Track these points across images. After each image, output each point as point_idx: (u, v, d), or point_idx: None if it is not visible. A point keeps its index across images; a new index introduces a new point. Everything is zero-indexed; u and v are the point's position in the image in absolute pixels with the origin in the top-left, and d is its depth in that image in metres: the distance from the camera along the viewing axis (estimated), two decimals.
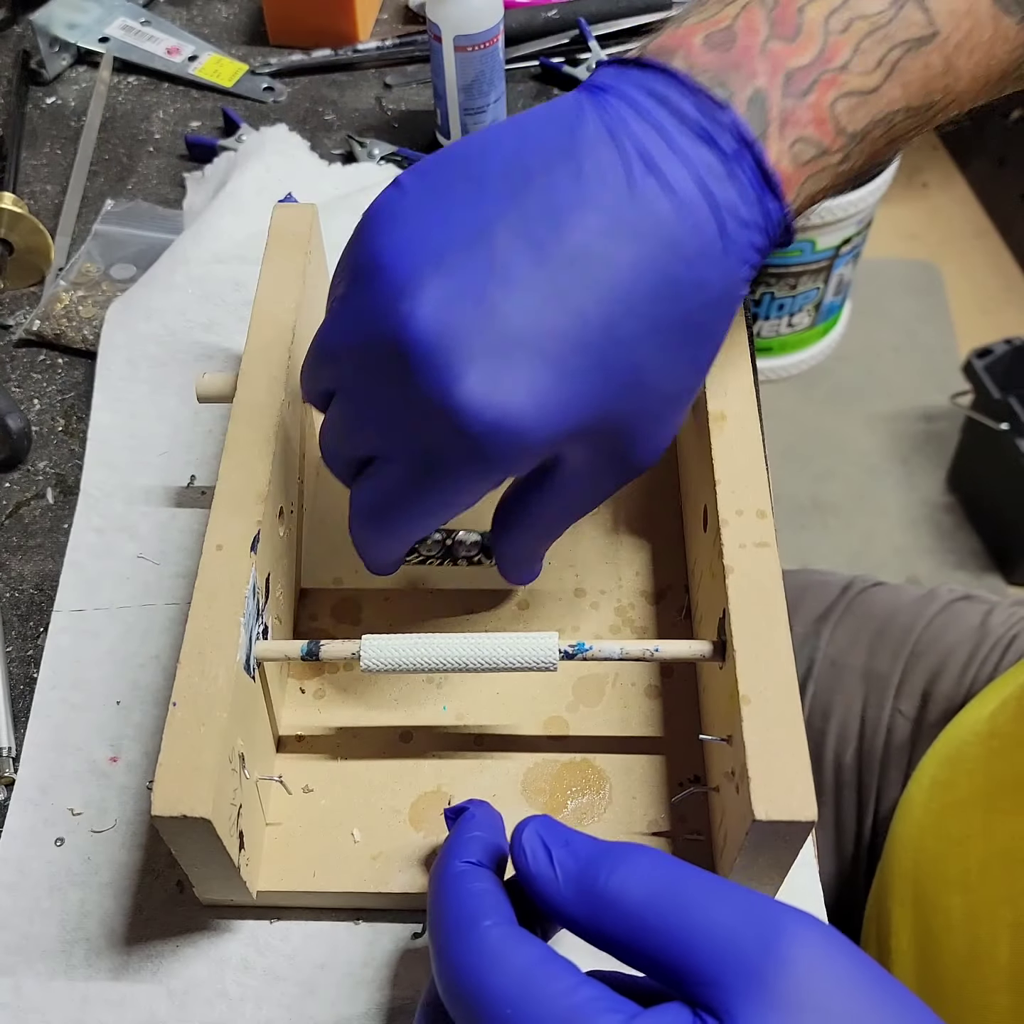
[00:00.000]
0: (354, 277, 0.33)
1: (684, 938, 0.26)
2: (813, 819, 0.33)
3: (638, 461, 0.36)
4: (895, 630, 0.68)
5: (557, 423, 0.32)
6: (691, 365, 0.35)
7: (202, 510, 0.51)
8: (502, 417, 0.31)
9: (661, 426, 0.36)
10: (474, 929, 0.28)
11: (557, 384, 0.32)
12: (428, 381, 0.31)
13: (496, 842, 0.32)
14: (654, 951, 0.27)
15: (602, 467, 0.36)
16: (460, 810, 0.34)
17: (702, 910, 0.27)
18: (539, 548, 0.41)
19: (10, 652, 0.47)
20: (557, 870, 0.29)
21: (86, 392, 0.56)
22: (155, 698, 0.45)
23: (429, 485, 0.34)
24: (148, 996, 0.39)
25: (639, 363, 0.33)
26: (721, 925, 0.26)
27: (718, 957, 0.26)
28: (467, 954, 0.28)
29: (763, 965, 0.25)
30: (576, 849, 0.29)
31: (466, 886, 0.30)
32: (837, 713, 0.66)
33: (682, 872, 0.28)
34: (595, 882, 0.28)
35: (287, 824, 0.41)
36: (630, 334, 0.32)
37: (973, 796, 0.53)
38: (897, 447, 1.65)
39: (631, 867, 0.28)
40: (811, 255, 1.51)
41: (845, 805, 0.65)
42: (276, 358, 0.44)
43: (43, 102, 0.71)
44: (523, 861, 0.29)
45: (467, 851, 0.31)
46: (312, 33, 0.73)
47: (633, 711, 0.44)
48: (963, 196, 1.98)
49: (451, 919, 0.29)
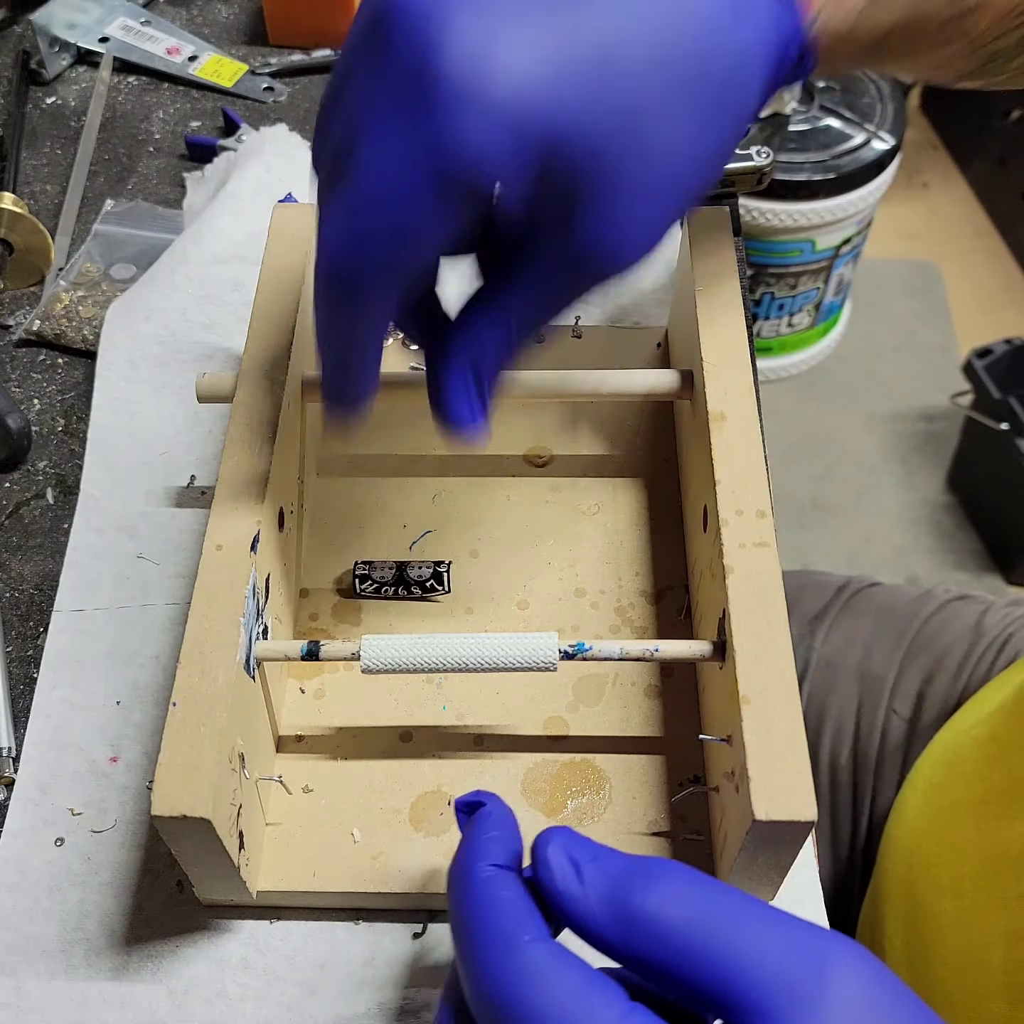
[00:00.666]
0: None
1: (729, 964, 0.26)
2: (813, 819, 0.33)
3: (592, 235, 0.32)
4: (890, 630, 0.68)
5: (535, 113, 0.29)
6: (692, 132, 0.32)
7: (202, 510, 0.51)
8: (484, 78, 0.28)
9: (639, 201, 0.32)
10: (514, 945, 0.27)
11: (543, 71, 0.29)
12: (410, 40, 0.29)
13: (514, 842, 0.31)
14: (695, 975, 0.26)
15: (552, 233, 0.32)
16: (473, 804, 0.33)
17: (746, 935, 0.26)
18: (480, 369, 0.35)
19: (10, 652, 0.47)
20: (587, 888, 0.28)
21: (86, 392, 0.56)
22: (155, 698, 0.45)
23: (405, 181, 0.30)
24: (148, 996, 0.39)
25: (635, 96, 0.30)
26: (769, 952, 0.26)
27: (767, 985, 0.25)
28: (508, 973, 0.27)
29: (814, 994, 0.25)
30: (604, 866, 0.28)
31: (496, 894, 0.29)
32: (832, 714, 0.66)
33: (719, 892, 0.27)
34: (629, 902, 0.27)
35: (287, 824, 0.41)
36: (629, 60, 0.30)
37: (968, 801, 0.53)
38: (897, 447, 1.65)
39: (666, 886, 0.27)
40: (811, 255, 1.51)
41: (840, 806, 0.65)
42: (276, 358, 0.44)
43: (43, 102, 0.71)
44: (549, 879, 0.28)
45: (489, 853, 0.30)
46: (312, 33, 0.73)
47: (633, 711, 0.44)
48: (963, 196, 1.98)
49: (485, 931, 0.28)
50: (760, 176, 0.60)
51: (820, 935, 0.26)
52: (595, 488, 0.50)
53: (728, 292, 0.46)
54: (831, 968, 0.26)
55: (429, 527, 0.49)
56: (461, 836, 0.32)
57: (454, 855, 0.31)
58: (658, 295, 0.58)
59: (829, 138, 1.45)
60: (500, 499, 0.50)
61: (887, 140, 1.45)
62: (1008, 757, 0.51)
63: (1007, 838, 0.49)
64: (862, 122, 1.46)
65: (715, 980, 0.26)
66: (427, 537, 0.49)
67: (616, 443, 0.52)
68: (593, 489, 0.50)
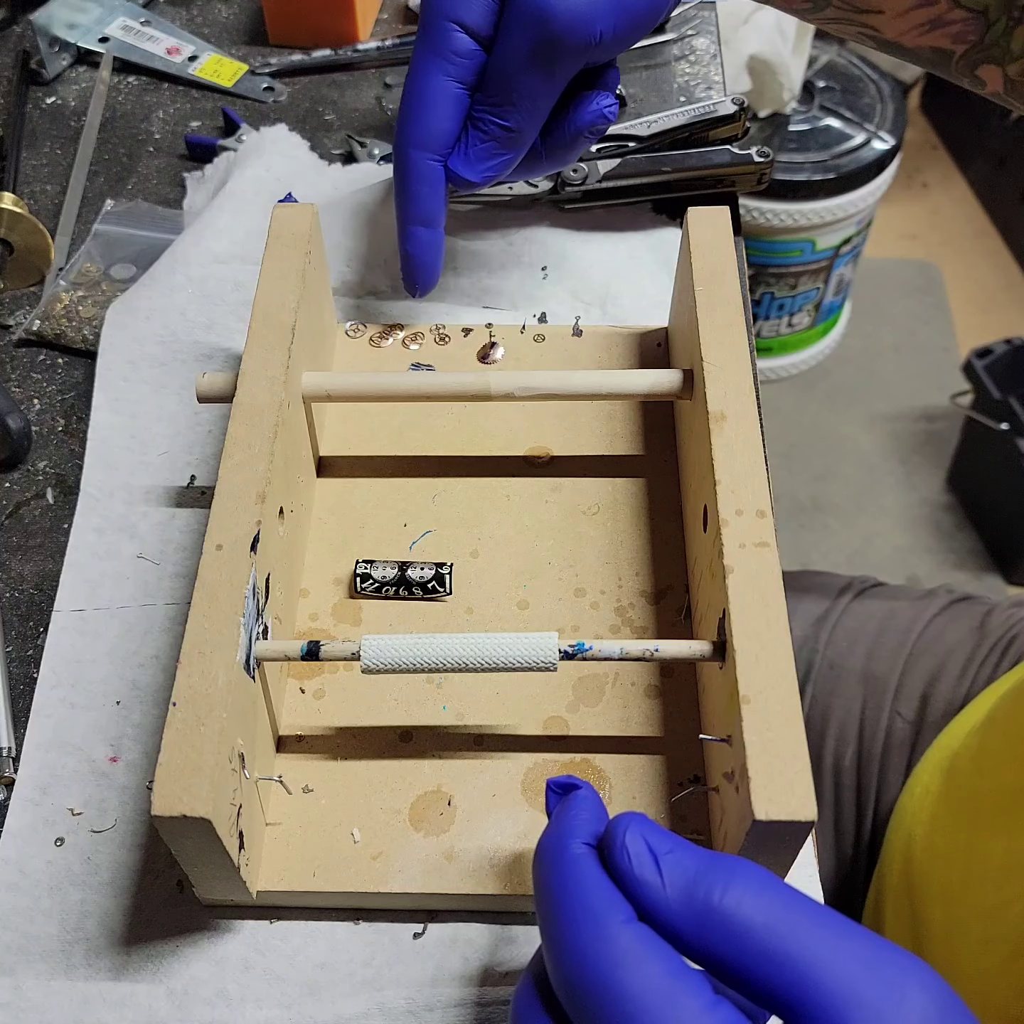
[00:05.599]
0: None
1: (804, 970, 0.26)
2: (813, 819, 0.33)
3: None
4: (894, 632, 0.68)
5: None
6: None
7: (202, 510, 0.51)
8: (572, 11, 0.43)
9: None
10: (607, 924, 0.27)
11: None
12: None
13: (599, 830, 0.31)
14: (768, 977, 0.26)
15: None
16: (566, 785, 0.33)
17: (824, 944, 0.26)
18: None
19: (10, 652, 0.47)
20: (664, 879, 0.28)
21: (86, 392, 0.56)
22: (155, 698, 0.45)
23: (530, 70, 0.44)
24: (148, 996, 0.39)
25: None
26: (846, 963, 0.26)
27: (842, 996, 0.25)
28: (600, 951, 0.27)
29: (888, 1011, 0.25)
30: (682, 858, 0.28)
31: (590, 871, 0.29)
32: (836, 715, 0.66)
33: (797, 898, 0.27)
34: (708, 897, 0.27)
35: (287, 824, 0.41)
36: None
37: (959, 811, 0.53)
38: (897, 447, 1.66)
39: (745, 886, 0.27)
40: (811, 255, 1.51)
41: (844, 807, 0.65)
42: (276, 358, 0.44)
43: (43, 102, 0.71)
44: (626, 864, 0.28)
45: (583, 832, 0.30)
46: (312, 33, 0.73)
47: (633, 711, 0.44)
48: (963, 196, 1.98)
49: (577, 907, 0.28)
50: (760, 176, 0.60)
51: (898, 953, 0.26)
52: (595, 488, 0.50)
53: (728, 292, 0.46)
54: (907, 987, 0.26)
55: (429, 527, 0.49)
56: (551, 815, 0.32)
57: (544, 832, 0.31)
58: (658, 295, 0.58)
59: (829, 138, 1.45)
60: (500, 499, 0.50)
61: (887, 140, 1.45)
62: (997, 771, 0.51)
63: (990, 849, 0.49)
64: (862, 122, 1.47)
65: (788, 984, 0.26)
66: (427, 537, 0.49)
67: (616, 443, 0.52)
68: (593, 489, 0.50)
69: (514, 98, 0.45)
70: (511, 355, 0.55)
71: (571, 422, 0.52)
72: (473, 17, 0.45)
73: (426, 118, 0.46)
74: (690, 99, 0.68)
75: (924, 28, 0.45)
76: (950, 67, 0.47)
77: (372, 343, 0.55)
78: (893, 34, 0.46)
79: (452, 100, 0.46)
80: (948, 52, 0.46)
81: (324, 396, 0.48)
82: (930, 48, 0.46)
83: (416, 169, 0.47)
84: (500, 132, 0.46)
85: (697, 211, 0.49)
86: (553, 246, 0.60)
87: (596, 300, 0.58)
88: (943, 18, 0.44)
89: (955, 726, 0.59)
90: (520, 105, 0.45)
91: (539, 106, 0.46)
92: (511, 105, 0.45)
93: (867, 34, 0.47)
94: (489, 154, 0.47)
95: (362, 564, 0.47)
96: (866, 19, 0.46)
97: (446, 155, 0.47)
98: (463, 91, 0.46)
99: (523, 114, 0.46)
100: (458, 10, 0.45)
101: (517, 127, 0.46)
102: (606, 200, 0.60)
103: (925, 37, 0.46)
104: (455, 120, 0.46)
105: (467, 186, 0.48)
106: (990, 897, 0.48)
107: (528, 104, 0.45)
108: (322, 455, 0.52)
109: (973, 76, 0.47)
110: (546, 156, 0.49)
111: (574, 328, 0.55)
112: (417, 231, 0.49)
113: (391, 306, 0.58)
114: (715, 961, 0.27)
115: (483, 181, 0.48)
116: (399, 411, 0.53)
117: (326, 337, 0.53)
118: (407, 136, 0.47)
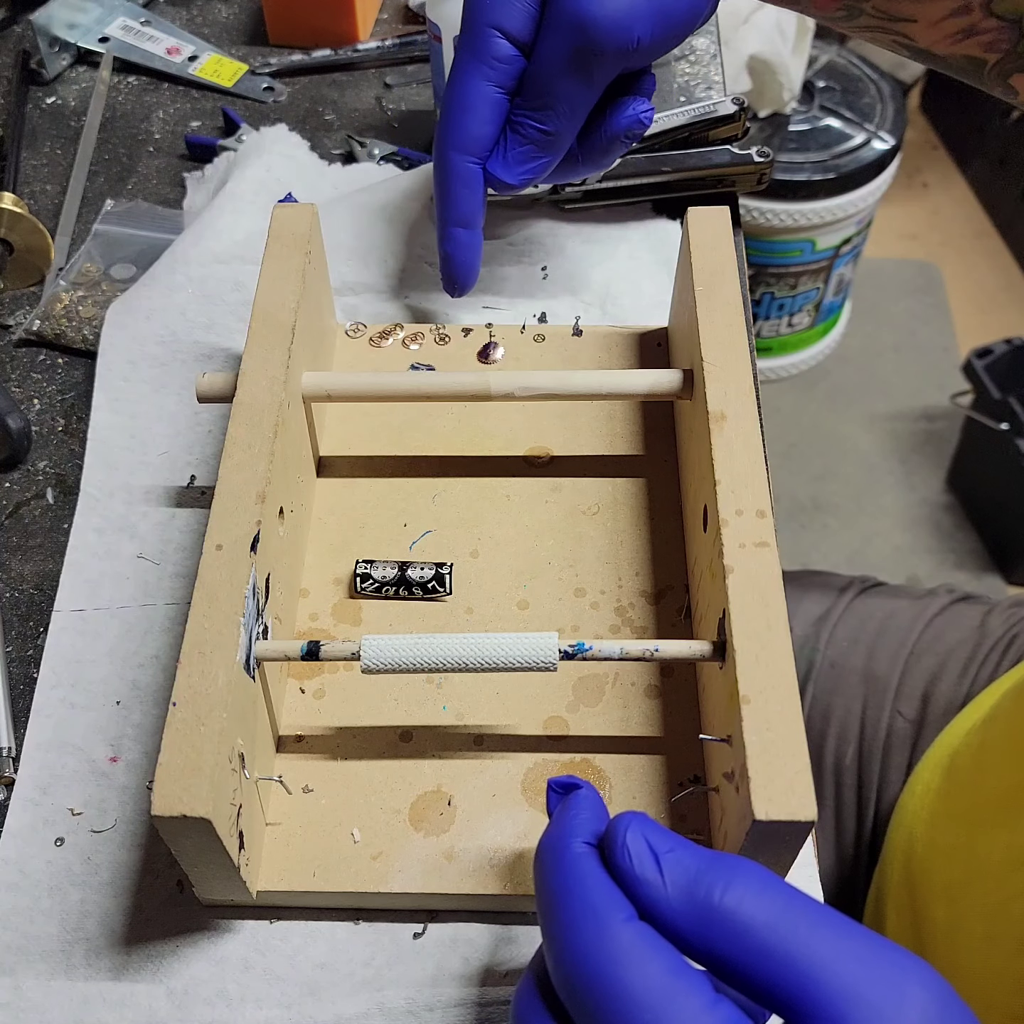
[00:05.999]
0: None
1: (805, 969, 0.26)
2: (813, 819, 0.33)
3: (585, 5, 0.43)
4: (894, 631, 0.68)
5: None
6: None
7: (202, 510, 0.51)
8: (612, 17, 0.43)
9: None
10: (608, 922, 0.27)
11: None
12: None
13: (600, 829, 0.31)
14: (769, 976, 0.26)
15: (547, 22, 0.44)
16: (567, 785, 0.33)
17: (825, 943, 0.26)
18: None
19: (10, 652, 0.47)
20: (665, 878, 0.28)
21: (86, 392, 0.56)
22: (155, 698, 0.45)
23: (569, 75, 0.45)
24: (148, 996, 0.39)
25: None
26: (847, 962, 0.26)
27: (843, 995, 0.25)
28: (600, 949, 0.27)
29: (889, 1011, 0.25)
30: (682, 857, 0.28)
31: (591, 870, 0.29)
32: (837, 715, 0.66)
33: (798, 897, 0.27)
34: (709, 896, 0.27)
35: (287, 824, 0.41)
36: None
37: (960, 808, 0.53)
38: (897, 447, 1.66)
39: (746, 885, 0.27)
40: (811, 255, 1.51)
41: (845, 807, 0.65)
42: (276, 358, 0.44)
43: (43, 102, 0.71)
44: (627, 863, 0.28)
45: (584, 831, 0.30)
46: (312, 33, 0.73)
47: (633, 711, 0.44)
48: (963, 196, 1.98)
49: (577, 906, 0.28)
50: (760, 176, 0.60)
51: (899, 952, 0.26)
52: (595, 488, 0.50)
53: (728, 292, 0.46)
54: (908, 986, 0.26)
55: (429, 527, 0.49)
56: (552, 814, 0.32)
57: (545, 831, 0.31)
58: (658, 295, 0.58)
59: (829, 138, 1.45)
60: (500, 499, 0.50)
61: (887, 140, 1.45)
62: (999, 767, 0.51)
63: (991, 845, 0.49)
64: (862, 122, 1.47)
65: (788, 983, 0.26)
66: (427, 537, 0.49)
67: (616, 443, 0.52)
68: (593, 489, 0.50)
69: (552, 102, 0.46)
70: (511, 355, 0.55)
71: (571, 422, 0.52)
72: (514, 24, 0.45)
73: (467, 122, 0.46)
74: (690, 99, 0.68)
75: (958, 37, 0.45)
76: (983, 76, 0.47)
77: (372, 343, 0.55)
78: (926, 42, 0.46)
79: (492, 104, 0.46)
80: (981, 61, 0.46)
81: (324, 396, 0.48)
82: (963, 57, 0.46)
83: (456, 171, 0.48)
84: (538, 136, 0.47)
85: (697, 211, 0.49)
86: (553, 246, 0.60)
87: (596, 300, 0.58)
88: (976, 27, 0.44)
89: (956, 725, 0.59)
90: (558, 109, 0.46)
91: (577, 111, 0.46)
92: (550, 109, 0.46)
93: (901, 42, 0.47)
94: (527, 157, 0.47)
95: (362, 564, 0.47)
96: (900, 27, 0.46)
97: (485, 158, 0.48)
98: (503, 96, 0.46)
99: (561, 118, 0.46)
100: (499, 17, 0.45)
101: (555, 131, 0.46)
102: (606, 200, 0.60)
103: (958, 46, 0.46)
104: (495, 124, 0.47)
105: (505, 188, 0.48)
106: (992, 894, 0.48)
107: (566, 108, 0.46)
108: (322, 455, 0.52)
109: (1006, 85, 0.47)
110: (582, 160, 0.50)
111: (574, 328, 0.55)
112: (457, 232, 0.50)
113: (391, 306, 0.58)
114: (716, 960, 0.27)
115: (521, 184, 0.48)
116: (399, 411, 0.53)
117: (326, 337, 0.53)
118: (448, 139, 0.47)
